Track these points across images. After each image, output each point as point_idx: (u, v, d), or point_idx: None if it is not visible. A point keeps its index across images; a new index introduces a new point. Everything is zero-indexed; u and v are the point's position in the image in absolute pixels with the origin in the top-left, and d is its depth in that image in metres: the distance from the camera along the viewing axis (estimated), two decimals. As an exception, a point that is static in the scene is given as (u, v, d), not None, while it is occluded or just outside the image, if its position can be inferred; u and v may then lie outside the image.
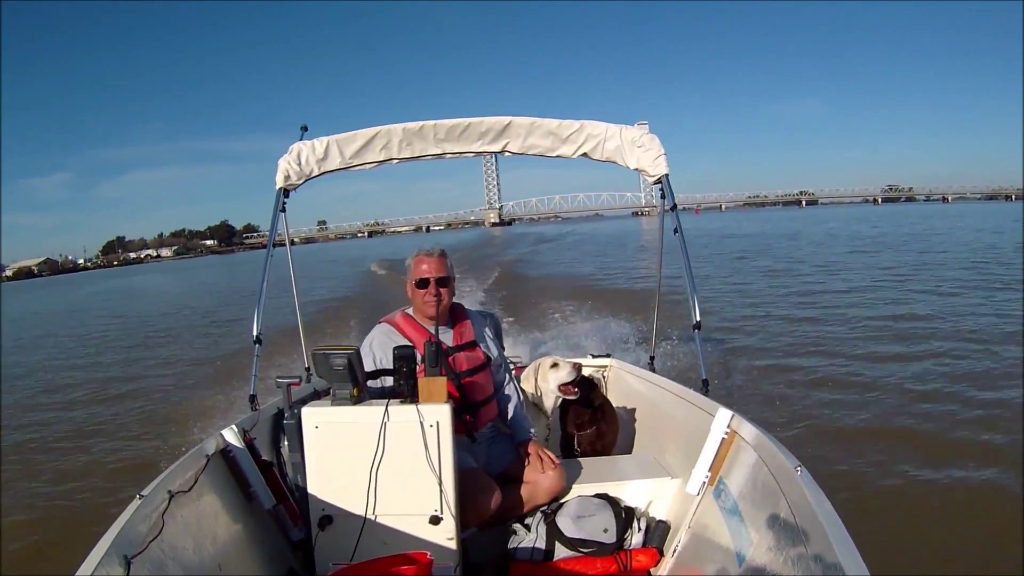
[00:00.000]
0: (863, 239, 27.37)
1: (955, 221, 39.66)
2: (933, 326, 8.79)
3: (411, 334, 2.46)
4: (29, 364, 12.61)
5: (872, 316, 9.70)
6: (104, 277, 73.24)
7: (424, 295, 2.45)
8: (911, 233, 29.62)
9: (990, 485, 4.08)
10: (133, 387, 9.15)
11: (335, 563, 2.04)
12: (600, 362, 3.91)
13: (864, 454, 4.62)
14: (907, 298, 11.22)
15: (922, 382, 6.24)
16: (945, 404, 5.57)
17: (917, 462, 4.43)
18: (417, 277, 2.46)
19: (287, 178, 3.28)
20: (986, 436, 4.79)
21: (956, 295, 11.23)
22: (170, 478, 1.88)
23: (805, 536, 1.54)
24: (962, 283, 12.51)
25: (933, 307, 10.11)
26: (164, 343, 13.48)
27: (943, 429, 5.04)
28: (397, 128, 3.26)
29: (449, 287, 2.50)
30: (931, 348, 7.57)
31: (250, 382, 2.77)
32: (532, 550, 2.35)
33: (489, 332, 2.69)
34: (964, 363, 6.86)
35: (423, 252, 2.51)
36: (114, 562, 1.43)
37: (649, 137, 3.28)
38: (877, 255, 19.72)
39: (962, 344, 7.65)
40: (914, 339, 8.04)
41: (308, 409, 2.08)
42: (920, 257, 18.15)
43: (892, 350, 7.59)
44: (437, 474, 2.02)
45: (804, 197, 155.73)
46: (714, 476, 2.21)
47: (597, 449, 3.12)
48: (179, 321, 17.67)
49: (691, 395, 2.66)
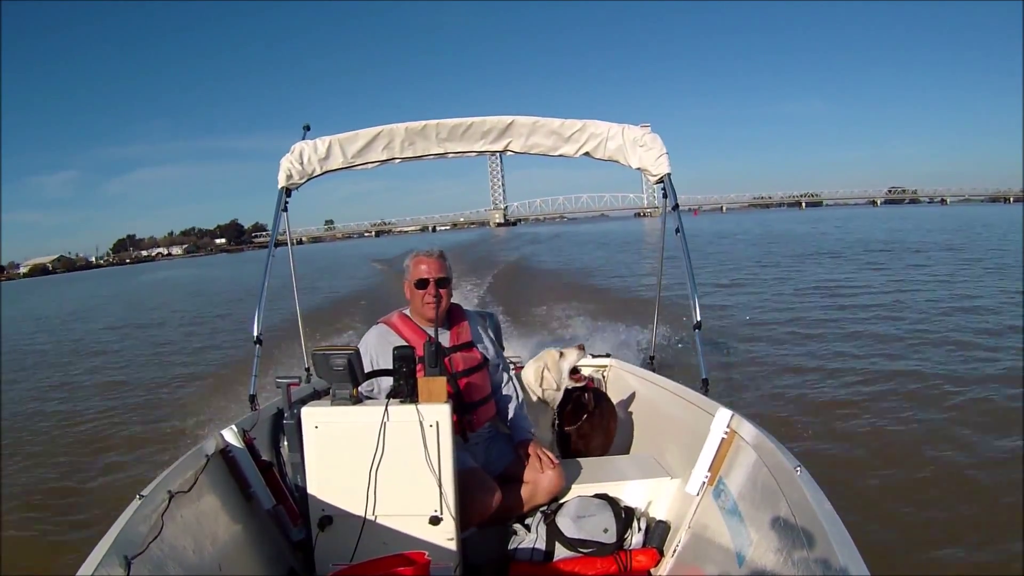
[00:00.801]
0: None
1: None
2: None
3: (408, 335, 2.46)
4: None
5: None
6: (124, 274, 73.96)
7: (423, 296, 2.45)
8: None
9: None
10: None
11: (335, 563, 2.05)
12: (600, 362, 3.90)
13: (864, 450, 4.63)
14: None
15: (922, 379, 6.25)
16: (946, 402, 5.58)
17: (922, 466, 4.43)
18: (416, 278, 2.46)
19: (289, 177, 3.28)
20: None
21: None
22: (170, 478, 1.88)
23: (805, 536, 1.54)
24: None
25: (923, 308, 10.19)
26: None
27: (944, 427, 5.03)
28: (399, 127, 3.26)
29: (448, 288, 2.50)
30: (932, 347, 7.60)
31: (250, 382, 2.78)
32: (532, 551, 2.35)
33: (487, 332, 2.68)
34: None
35: (422, 253, 2.51)
36: (114, 562, 1.43)
37: (651, 136, 3.27)
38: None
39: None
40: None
41: (308, 409, 2.08)
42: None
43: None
44: (437, 474, 2.02)
45: (805, 199, 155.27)
46: (714, 476, 2.20)
47: (591, 443, 3.11)
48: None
49: (691, 395, 2.66)
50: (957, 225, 34.76)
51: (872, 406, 5.60)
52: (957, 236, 26.05)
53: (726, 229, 44.51)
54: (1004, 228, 29.66)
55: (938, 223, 38.50)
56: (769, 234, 35.60)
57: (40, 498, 4.95)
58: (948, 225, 35.43)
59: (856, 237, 28.47)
